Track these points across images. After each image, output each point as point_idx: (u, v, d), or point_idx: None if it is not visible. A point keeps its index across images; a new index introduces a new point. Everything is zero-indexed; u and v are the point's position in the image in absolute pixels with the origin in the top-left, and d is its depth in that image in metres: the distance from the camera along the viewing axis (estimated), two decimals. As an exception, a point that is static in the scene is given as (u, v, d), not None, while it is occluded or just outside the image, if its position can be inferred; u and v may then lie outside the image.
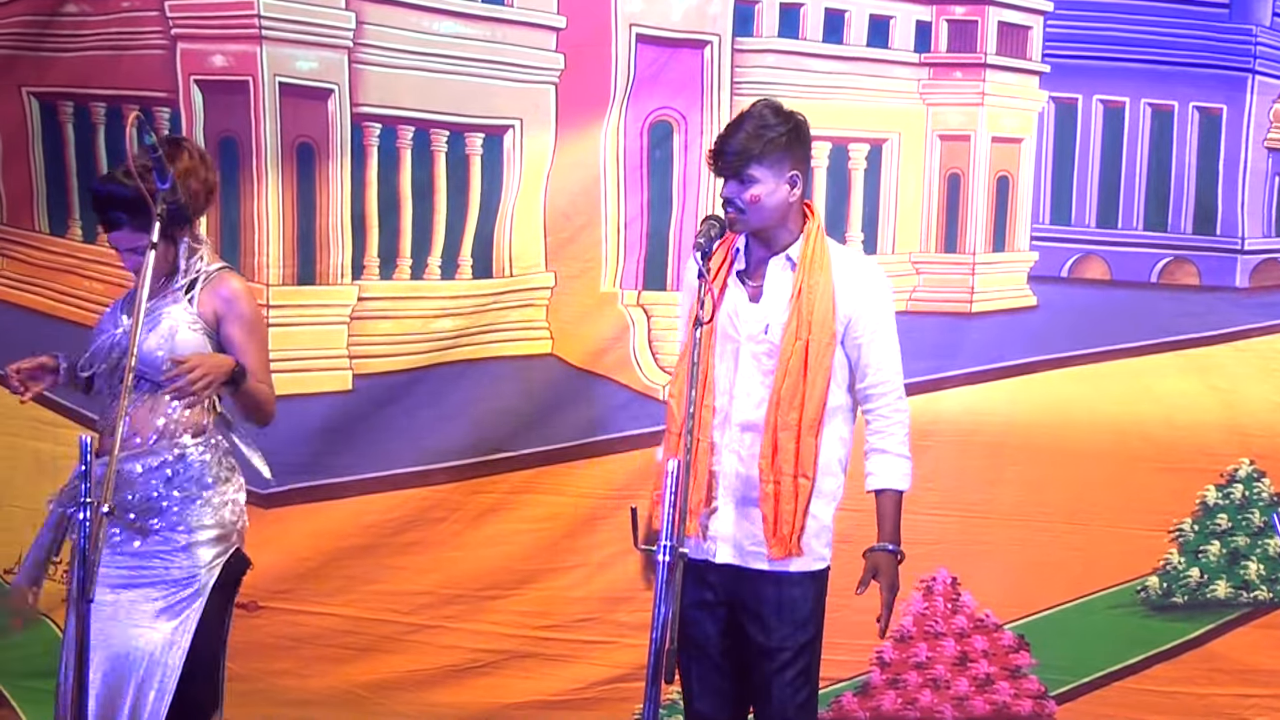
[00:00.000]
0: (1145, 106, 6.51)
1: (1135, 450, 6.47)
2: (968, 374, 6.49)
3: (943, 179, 6.52)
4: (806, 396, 4.40)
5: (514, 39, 6.33)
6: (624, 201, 6.41)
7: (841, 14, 6.45)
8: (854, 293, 4.47)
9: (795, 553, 4.41)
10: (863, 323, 4.48)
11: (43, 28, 6.34)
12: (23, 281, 6.47)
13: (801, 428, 4.39)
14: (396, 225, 6.38)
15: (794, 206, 4.48)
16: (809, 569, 4.47)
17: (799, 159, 4.47)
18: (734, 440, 4.47)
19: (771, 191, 4.41)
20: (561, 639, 6.45)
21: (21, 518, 6.37)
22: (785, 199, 4.44)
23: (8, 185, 6.47)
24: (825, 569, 4.53)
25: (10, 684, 6.29)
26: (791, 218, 4.49)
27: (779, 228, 4.48)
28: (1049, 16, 6.46)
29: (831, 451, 4.49)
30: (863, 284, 4.51)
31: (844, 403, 4.52)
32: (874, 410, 4.54)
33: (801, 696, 4.44)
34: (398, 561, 6.42)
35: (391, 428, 6.36)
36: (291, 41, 6.22)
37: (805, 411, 4.39)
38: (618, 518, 6.14)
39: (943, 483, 6.42)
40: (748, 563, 4.46)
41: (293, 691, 6.35)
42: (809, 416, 4.40)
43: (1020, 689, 6.51)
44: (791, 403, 4.39)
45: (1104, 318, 6.51)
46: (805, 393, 4.39)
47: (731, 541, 4.48)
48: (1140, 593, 6.53)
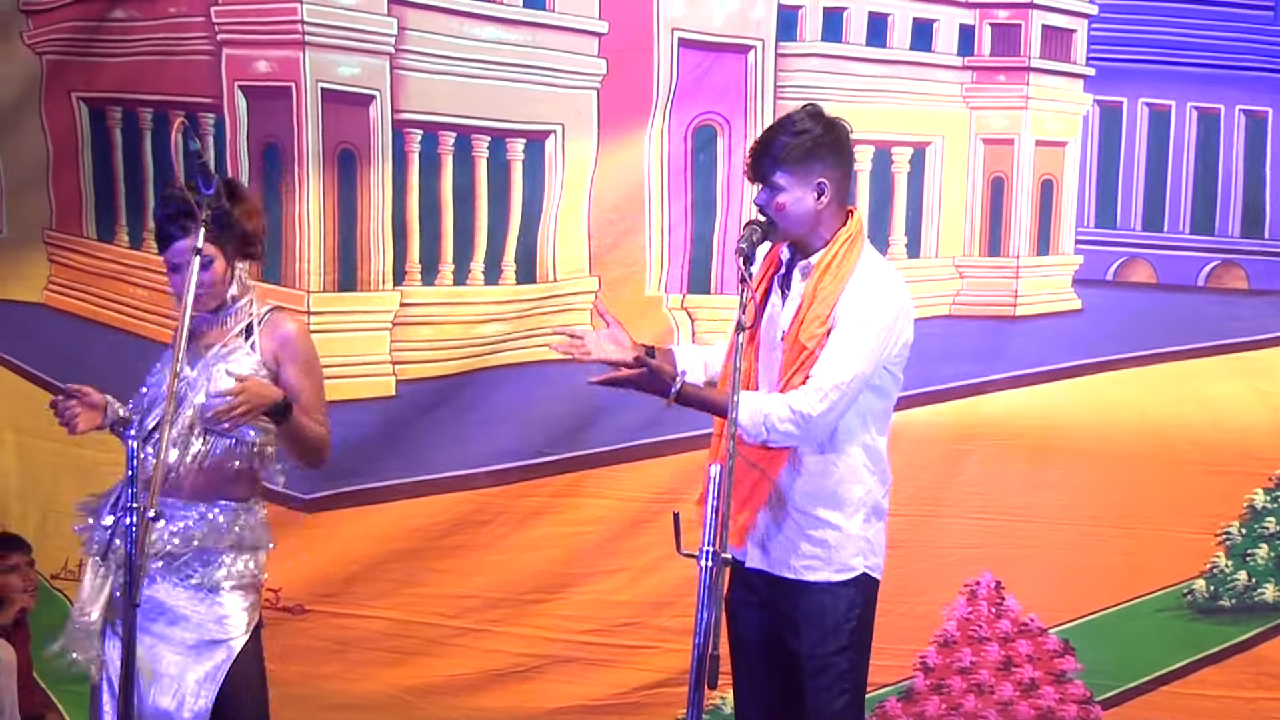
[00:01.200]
0: (1191, 110, 6.47)
1: (1182, 454, 6.44)
2: (1011, 378, 6.46)
3: (986, 182, 6.50)
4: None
5: (555, 44, 6.34)
6: (668, 206, 6.41)
7: (885, 17, 6.44)
8: (847, 297, 4.34)
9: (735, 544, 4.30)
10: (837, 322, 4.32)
11: (91, 33, 6.39)
12: (70, 287, 6.52)
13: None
14: (438, 231, 6.40)
15: (824, 214, 4.38)
16: (834, 579, 4.41)
17: (831, 166, 4.37)
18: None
19: (797, 199, 4.34)
20: (605, 643, 6.46)
21: (67, 524, 6.40)
22: (812, 207, 4.35)
23: (58, 191, 6.52)
24: (858, 578, 4.43)
25: (55, 687, 6.33)
26: (823, 225, 4.39)
27: (810, 235, 4.40)
28: (1093, 20, 6.43)
29: (853, 458, 4.41)
30: (856, 289, 4.35)
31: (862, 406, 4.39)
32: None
33: (838, 704, 4.40)
34: (442, 565, 6.44)
35: (435, 432, 6.38)
36: (334, 47, 6.25)
37: None
38: (661, 522, 6.11)
39: (986, 486, 6.42)
40: (776, 569, 4.45)
41: (338, 695, 6.37)
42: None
43: (1065, 694, 6.48)
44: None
45: (1150, 321, 6.48)
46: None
47: (761, 546, 4.47)
48: (1187, 596, 6.49)
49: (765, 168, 4.36)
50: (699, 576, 3.90)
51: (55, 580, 6.48)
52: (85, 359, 6.33)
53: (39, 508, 6.53)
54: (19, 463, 6.57)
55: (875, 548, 4.47)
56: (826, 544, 4.40)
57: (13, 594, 6.06)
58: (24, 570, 6.13)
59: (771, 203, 4.36)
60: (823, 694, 4.39)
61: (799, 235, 4.41)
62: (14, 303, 6.59)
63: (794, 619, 4.43)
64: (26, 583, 6.14)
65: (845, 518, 4.41)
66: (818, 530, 4.40)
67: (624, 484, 6.45)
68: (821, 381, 4.26)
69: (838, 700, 4.40)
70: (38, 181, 6.50)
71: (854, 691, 4.44)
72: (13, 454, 6.59)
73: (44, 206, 6.52)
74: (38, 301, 6.57)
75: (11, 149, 6.50)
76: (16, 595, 6.06)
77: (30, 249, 6.55)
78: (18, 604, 6.06)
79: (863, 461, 4.43)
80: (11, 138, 6.48)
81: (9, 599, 6.05)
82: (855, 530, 4.42)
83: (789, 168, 4.33)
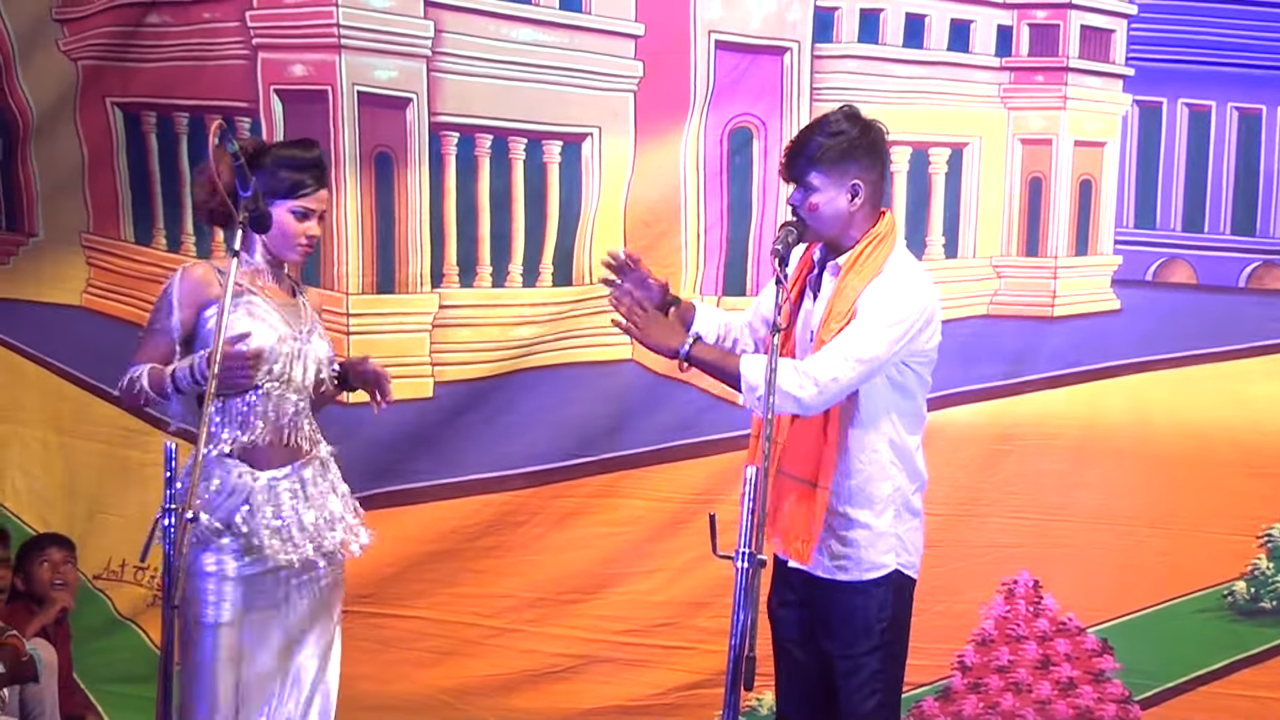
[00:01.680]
0: (1232, 110, 6.44)
1: (1222, 455, 6.41)
2: (1049, 378, 6.45)
3: (1024, 183, 6.48)
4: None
5: (592, 46, 6.34)
6: (703, 208, 6.41)
7: (922, 18, 6.42)
8: (870, 291, 4.33)
9: (803, 560, 4.37)
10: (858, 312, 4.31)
11: (127, 38, 6.41)
12: (109, 290, 6.55)
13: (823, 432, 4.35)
14: (475, 233, 6.41)
15: (857, 215, 4.38)
16: (864, 578, 4.41)
17: (865, 168, 4.37)
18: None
19: (830, 200, 4.35)
20: (641, 644, 6.46)
21: (113, 525, 6.47)
22: (845, 208, 4.36)
23: (94, 195, 6.55)
24: (890, 576, 4.42)
25: (95, 688, 6.36)
26: (855, 226, 4.39)
27: (841, 235, 4.40)
28: (1133, 20, 6.40)
29: (879, 454, 4.41)
30: (881, 284, 4.34)
31: (885, 403, 4.41)
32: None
33: (870, 704, 4.40)
34: (478, 566, 6.46)
35: (472, 433, 6.40)
36: (370, 51, 6.27)
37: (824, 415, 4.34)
38: (697, 523, 6.11)
39: (1024, 486, 6.41)
40: (811, 569, 4.44)
41: (374, 696, 6.38)
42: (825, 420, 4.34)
43: (1104, 693, 6.46)
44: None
45: (1189, 322, 6.45)
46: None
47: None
48: (1227, 597, 6.46)
49: (800, 168, 4.36)
50: (735, 578, 3.91)
51: (98, 580, 6.52)
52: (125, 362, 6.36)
53: (84, 508, 6.56)
54: (63, 464, 6.61)
55: (908, 545, 4.46)
56: (856, 543, 4.40)
57: (49, 592, 6.08)
58: (63, 568, 6.14)
59: (805, 203, 4.36)
60: (854, 694, 4.40)
61: (831, 236, 4.41)
62: (53, 305, 6.62)
63: (828, 619, 4.44)
64: (62, 579, 6.14)
65: (874, 515, 4.40)
66: (848, 530, 4.40)
67: (660, 485, 6.46)
68: (832, 351, 4.25)
69: (869, 701, 4.40)
70: (73, 186, 6.53)
71: (885, 692, 4.43)
72: (56, 455, 6.62)
73: (80, 210, 6.55)
74: (76, 304, 6.60)
75: (47, 154, 6.53)
76: (56, 594, 6.08)
77: (67, 252, 6.58)
78: (59, 603, 6.06)
79: (889, 459, 4.42)
80: (47, 143, 6.51)
81: (48, 598, 6.07)
82: (885, 527, 4.41)
83: (824, 168, 4.34)
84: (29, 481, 6.62)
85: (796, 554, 4.39)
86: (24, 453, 6.63)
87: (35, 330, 6.63)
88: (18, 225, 6.62)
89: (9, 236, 6.63)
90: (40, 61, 6.46)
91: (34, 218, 6.61)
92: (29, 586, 6.07)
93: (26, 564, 6.11)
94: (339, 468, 4.74)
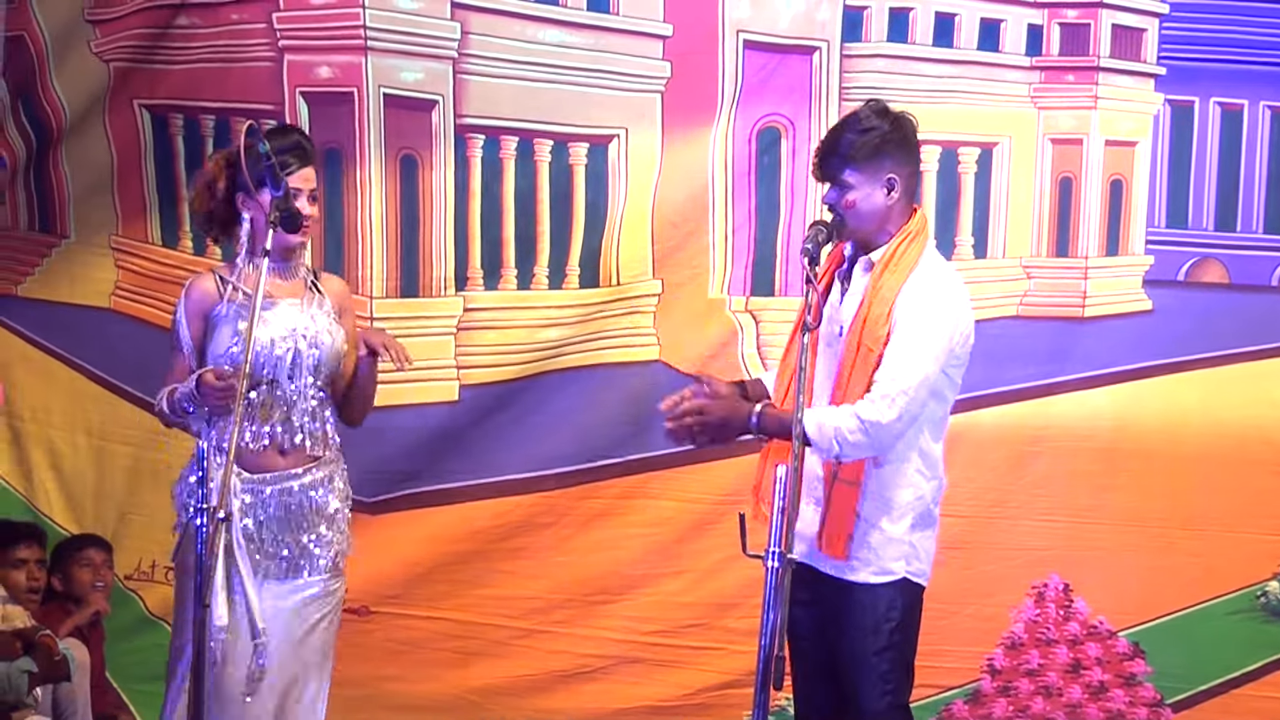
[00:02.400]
0: (1264, 109, 6.40)
1: (1255, 455, 6.38)
2: (1080, 379, 6.42)
3: (1054, 183, 6.45)
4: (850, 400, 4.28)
5: (619, 48, 6.34)
6: (732, 208, 6.40)
7: (951, 17, 6.40)
8: (906, 297, 4.31)
9: (838, 556, 4.34)
10: (897, 325, 4.29)
11: (155, 40, 6.44)
12: (136, 292, 6.57)
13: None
14: (500, 236, 6.41)
15: (894, 210, 4.37)
16: (873, 580, 4.38)
17: (900, 162, 4.36)
18: None
19: (867, 196, 4.33)
20: (670, 644, 6.45)
21: (141, 526, 6.48)
22: (883, 203, 4.35)
23: (122, 197, 6.57)
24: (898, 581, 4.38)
25: (127, 687, 6.38)
26: (891, 221, 4.38)
27: (877, 231, 4.38)
28: (1164, 19, 6.37)
29: (908, 463, 4.37)
30: (915, 290, 4.32)
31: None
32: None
33: (883, 704, 4.37)
34: (506, 567, 6.46)
35: (499, 435, 6.40)
36: (396, 52, 6.27)
37: None
38: (726, 523, 6.12)
39: (1054, 488, 6.38)
40: (818, 564, 4.42)
41: (402, 696, 6.40)
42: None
43: (1135, 697, 6.43)
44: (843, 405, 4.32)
45: (1222, 322, 6.42)
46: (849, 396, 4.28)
47: (807, 542, 4.41)
48: (1260, 599, 6.43)
49: (834, 166, 4.35)
50: (765, 577, 3.89)
51: (129, 581, 6.54)
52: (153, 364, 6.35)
53: (115, 509, 6.59)
54: (94, 466, 6.64)
55: (920, 554, 4.42)
56: (869, 545, 4.36)
57: (88, 593, 6.11)
58: (100, 569, 6.17)
59: (841, 200, 4.35)
60: (866, 694, 4.38)
61: (868, 232, 4.39)
62: (84, 307, 6.65)
63: (837, 617, 4.42)
64: (102, 581, 6.17)
65: (891, 521, 4.37)
66: (864, 532, 4.37)
67: (688, 486, 6.44)
68: (888, 388, 4.21)
69: (880, 701, 4.37)
70: (103, 188, 6.56)
71: (895, 694, 4.40)
72: (86, 457, 6.65)
73: (110, 212, 6.57)
74: (106, 306, 6.62)
75: (79, 156, 6.56)
76: (93, 596, 6.10)
77: (97, 254, 6.61)
78: (94, 606, 6.09)
79: (916, 466, 4.39)
80: (79, 145, 6.55)
81: (86, 599, 6.09)
82: (899, 534, 4.38)
83: (858, 165, 4.33)
84: (60, 483, 6.64)
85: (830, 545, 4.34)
86: (54, 454, 6.64)
87: (65, 332, 6.66)
88: (50, 227, 6.66)
89: (42, 238, 6.66)
90: (73, 63, 6.49)
91: (66, 219, 6.64)
92: (67, 588, 6.11)
93: (64, 565, 6.15)
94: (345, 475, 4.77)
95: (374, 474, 6.23)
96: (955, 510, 4.53)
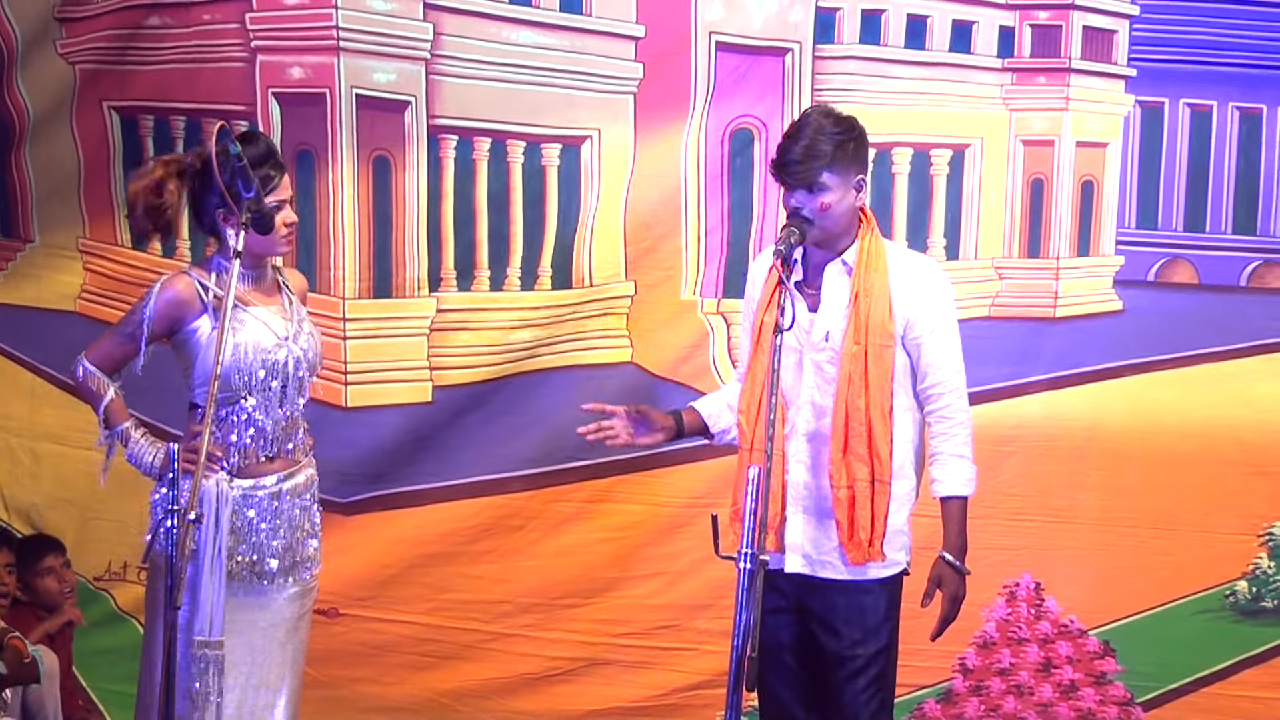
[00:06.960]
0: (1233, 110, 6.43)
1: (1224, 454, 6.40)
2: (1051, 379, 6.43)
3: (1026, 184, 6.47)
4: (872, 401, 4.36)
5: (593, 49, 6.33)
6: (704, 210, 6.40)
7: (923, 19, 6.41)
8: (911, 293, 4.44)
9: (875, 558, 4.39)
10: (920, 323, 4.44)
11: (126, 41, 6.41)
12: (104, 295, 6.53)
13: (873, 433, 4.36)
14: (473, 237, 6.40)
15: (856, 211, 4.46)
16: (880, 575, 4.45)
17: (863, 162, 4.48)
18: (800, 450, 4.46)
19: (840, 198, 4.39)
20: (641, 645, 6.45)
21: (109, 530, 6.44)
22: (852, 204, 4.43)
23: (89, 200, 6.54)
24: (897, 575, 4.50)
25: (97, 687, 6.35)
26: (853, 222, 4.46)
27: (845, 233, 4.45)
28: (1135, 20, 6.38)
29: (902, 455, 4.45)
30: (920, 283, 4.47)
31: (909, 405, 4.49)
32: (935, 412, 4.50)
33: (874, 706, 4.42)
34: (476, 569, 6.45)
35: (470, 437, 6.39)
36: (369, 53, 6.26)
37: (873, 416, 4.36)
38: (697, 526, 6.12)
39: (1025, 488, 6.39)
40: (817, 571, 4.45)
41: (373, 699, 6.39)
42: (878, 421, 4.37)
43: (1106, 695, 6.44)
44: (858, 409, 4.36)
45: (1192, 322, 6.44)
46: (870, 397, 4.36)
47: (800, 551, 4.46)
48: (1229, 597, 6.45)
49: (813, 170, 4.37)
50: (738, 578, 3.90)
51: (98, 582, 6.51)
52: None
53: (78, 513, 6.54)
54: (55, 472, 6.59)
55: (910, 543, 4.55)
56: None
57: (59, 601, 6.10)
58: (60, 572, 6.15)
59: (816, 203, 4.36)
60: (860, 695, 4.42)
61: (837, 234, 4.43)
62: (47, 310, 6.60)
63: (832, 620, 4.44)
64: (65, 585, 6.15)
65: (895, 514, 4.45)
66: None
67: (658, 490, 6.45)
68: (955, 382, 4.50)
69: (873, 701, 4.43)
70: (69, 190, 6.52)
71: (886, 693, 4.48)
72: (47, 464, 6.60)
73: (75, 215, 6.54)
74: (71, 310, 6.58)
75: (43, 158, 6.52)
76: (65, 606, 6.13)
77: (63, 258, 6.57)
78: (66, 616, 6.13)
79: (909, 458, 4.50)
80: (43, 148, 6.51)
81: (58, 608, 6.09)
82: (901, 526, 4.49)
83: (835, 167, 4.37)
84: (19, 490, 6.59)
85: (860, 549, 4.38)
86: (14, 461, 6.60)
87: (30, 337, 6.61)
88: (13, 231, 6.61)
89: (4, 242, 6.62)
90: (39, 63, 6.45)
91: (29, 223, 6.59)
92: (33, 597, 6.09)
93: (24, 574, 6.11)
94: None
95: (347, 475, 6.22)
96: (928, 509, 4.56)
